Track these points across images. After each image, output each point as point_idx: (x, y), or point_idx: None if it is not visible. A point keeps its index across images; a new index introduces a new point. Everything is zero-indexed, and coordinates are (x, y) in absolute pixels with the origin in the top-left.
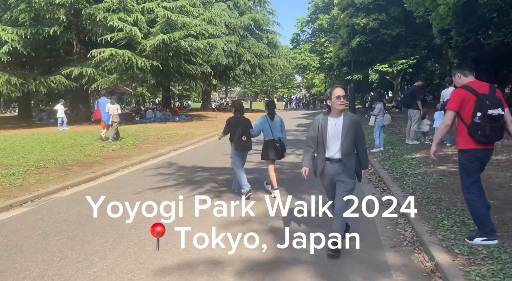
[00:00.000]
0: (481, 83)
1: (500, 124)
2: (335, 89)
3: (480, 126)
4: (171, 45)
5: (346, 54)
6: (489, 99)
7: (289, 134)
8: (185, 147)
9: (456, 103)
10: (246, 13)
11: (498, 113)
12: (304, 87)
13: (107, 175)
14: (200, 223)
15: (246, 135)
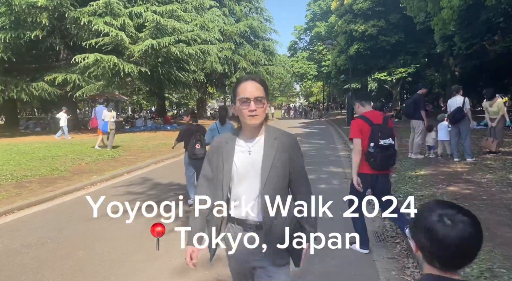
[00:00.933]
0: (377, 114)
1: (391, 153)
2: (242, 83)
3: (373, 155)
4: (160, 51)
5: (344, 62)
6: (381, 130)
7: None
8: (168, 159)
9: (357, 132)
10: (242, 20)
11: (388, 144)
12: (303, 95)
13: (68, 194)
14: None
15: (200, 143)
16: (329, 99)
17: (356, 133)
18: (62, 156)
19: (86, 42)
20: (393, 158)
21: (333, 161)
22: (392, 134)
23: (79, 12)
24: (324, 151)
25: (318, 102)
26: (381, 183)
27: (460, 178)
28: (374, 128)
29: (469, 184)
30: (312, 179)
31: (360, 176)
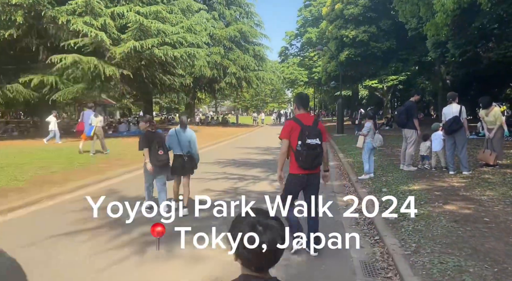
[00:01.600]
0: (308, 116)
1: (317, 152)
2: None
3: (300, 153)
4: (143, 53)
5: (334, 68)
6: (310, 130)
7: (269, 153)
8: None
9: (286, 133)
10: (232, 24)
11: (315, 143)
12: (294, 102)
13: (16, 210)
14: None
15: (163, 149)
16: (320, 106)
17: (286, 134)
18: (27, 164)
19: (64, 43)
20: (319, 157)
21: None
22: (320, 136)
23: (56, 11)
24: None
25: (309, 109)
26: (311, 182)
27: (457, 194)
28: (303, 128)
29: (468, 202)
30: None
31: (291, 176)
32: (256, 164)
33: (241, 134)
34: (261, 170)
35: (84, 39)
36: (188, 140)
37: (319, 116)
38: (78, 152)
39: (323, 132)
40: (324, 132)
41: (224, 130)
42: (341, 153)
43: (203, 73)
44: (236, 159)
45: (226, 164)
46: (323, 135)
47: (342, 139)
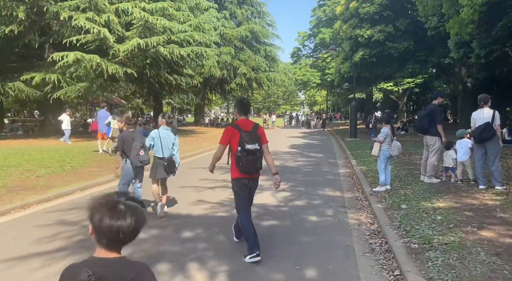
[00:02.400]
0: (248, 122)
1: (256, 158)
2: None
3: (240, 158)
4: (148, 51)
5: (348, 69)
6: (248, 136)
7: (275, 158)
8: None
9: (226, 139)
10: (243, 24)
11: (254, 148)
12: (307, 104)
13: None
14: None
15: (144, 149)
16: (333, 109)
17: (225, 140)
18: (15, 166)
19: (67, 40)
20: (259, 162)
21: (330, 181)
22: (259, 140)
23: (59, 7)
24: (322, 166)
25: (322, 112)
26: (252, 186)
27: (493, 216)
28: (242, 134)
29: (509, 228)
30: (300, 207)
31: (234, 181)
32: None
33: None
34: (265, 177)
35: (87, 36)
36: (172, 142)
37: (331, 119)
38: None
39: (262, 136)
40: (263, 136)
41: None
42: (354, 159)
43: (212, 74)
44: None
45: (227, 170)
46: (262, 139)
47: (355, 144)
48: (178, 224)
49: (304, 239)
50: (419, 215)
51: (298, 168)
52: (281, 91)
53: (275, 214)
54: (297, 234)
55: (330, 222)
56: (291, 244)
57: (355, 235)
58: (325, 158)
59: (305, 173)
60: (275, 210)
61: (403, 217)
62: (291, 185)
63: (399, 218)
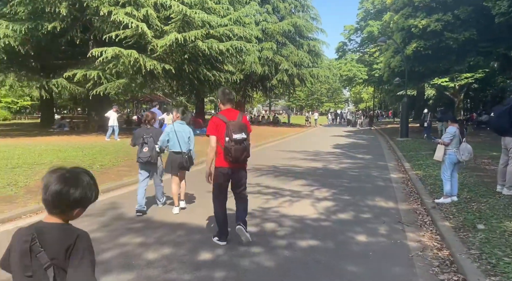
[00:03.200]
0: (233, 111)
1: (244, 146)
2: None
3: (228, 148)
4: (187, 46)
5: (399, 63)
6: (235, 125)
7: (318, 159)
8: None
9: (212, 129)
10: (286, 18)
11: (241, 137)
12: (352, 102)
13: None
14: None
15: (148, 146)
16: (380, 106)
17: (211, 130)
18: (44, 165)
19: (106, 36)
20: (247, 150)
21: (381, 188)
22: (246, 129)
23: (99, 2)
24: (370, 170)
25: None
26: (237, 176)
27: None
28: (228, 124)
29: None
30: (345, 222)
31: (217, 169)
32: (299, 173)
33: (290, 135)
34: (304, 182)
35: (126, 31)
36: (187, 136)
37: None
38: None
39: (248, 126)
40: (249, 124)
41: (273, 130)
42: (407, 162)
43: (253, 70)
44: (277, 165)
45: (263, 172)
46: (248, 128)
47: (406, 145)
48: (197, 240)
49: (351, 268)
50: (504, 240)
51: (342, 171)
52: (324, 88)
53: (315, 230)
54: (342, 261)
55: (385, 245)
56: (333, 276)
57: (419, 266)
58: (373, 160)
59: (351, 177)
60: (315, 225)
61: (483, 242)
62: (334, 193)
63: (478, 244)
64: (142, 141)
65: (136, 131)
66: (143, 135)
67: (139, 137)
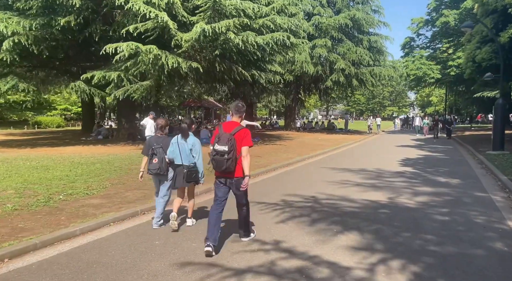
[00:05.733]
0: (233, 124)
1: (223, 159)
2: None
3: (211, 157)
4: (218, 40)
5: (488, 56)
6: (222, 137)
7: (381, 185)
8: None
9: (212, 138)
10: (343, 11)
11: (222, 149)
12: (418, 105)
13: None
14: None
15: (158, 157)
16: (451, 110)
17: (212, 139)
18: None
19: (124, 30)
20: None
21: (502, 260)
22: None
23: None
24: (467, 210)
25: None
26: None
27: None
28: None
29: None
30: None
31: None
32: (350, 217)
33: (346, 145)
34: (357, 241)
35: (146, 23)
36: (189, 148)
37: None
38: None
39: (238, 140)
40: (244, 138)
41: (326, 139)
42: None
43: (305, 70)
44: (317, 197)
45: (291, 213)
46: (238, 142)
47: (508, 161)
48: None
49: None
50: None
51: (421, 212)
52: (387, 91)
53: None
54: None
55: None
56: None
57: None
58: (465, 188)
59: (440, 229)
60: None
61: None
62: (416, 275)
63: None
64: (152, 151)
65: (148, 140)
66: (153, 145)
67: (149, 147)
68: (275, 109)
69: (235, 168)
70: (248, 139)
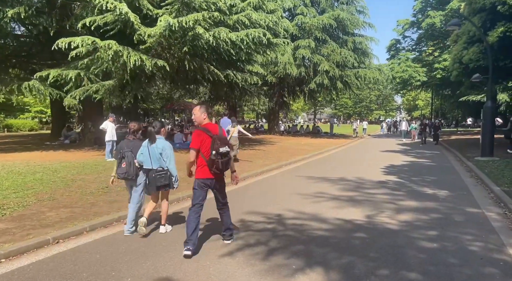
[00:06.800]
0: (213, 125)
1: (228, 159)
2: None
3: (215, 161)
4: (186, 35)
5: (475, 56)
6: (219, 139)
7: (360, 199)
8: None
9: (197, 143)
10: (327, 11)
11: (226, 150)
12: (404, 109)
13: None
14: None
15: (126, 161)
16: (437, 114)
17: (197, 144)
18: None
19: (80, 23)
20: (230, 163)
21: None
22: (227, 143)
23: None
24: (460, 232)
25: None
26: (219, 185)
27: None
28: (213, 138)
29: None
30: None
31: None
32: (318, 242)
33: (329, 150)
34: (321, 279)
35: (106, 16)
36: (159, 153)
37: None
38: None
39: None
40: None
41: (309, 143)
42: None
43: (288, 72)
44: (283, 216)
45: (246, 240)
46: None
47: (498, 169)
48: None
49: None
50: None
51: (405, 237)
52: (374, 95)
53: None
54: None
55: None
56: None
57: None
58: (455, 202)
59: (425, 263)
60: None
61: None
62: None
63: None
64: (121, 155)
65: (119, 144)
66: (123, 149)
67: (118, 150)
68: (262, 113)
69: None
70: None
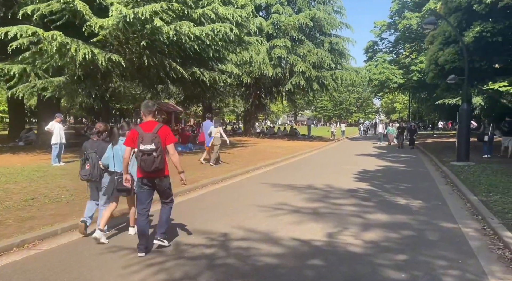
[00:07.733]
0: (152, 124)
1: (152, 157)
2: None
3: (138, 158)
4: (144, 28)
5: (451, 57)
6: (145, 137)
7: (325, 211)
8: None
9: (129, 140)
10: (304, 10)
11: (149, 148)
12: (383, 112)
13: None
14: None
15: (90, 162)
16: (414, 117)
17: (129, 142)
18: None
19: (21, 12)
20: (157, 162)
21: None
22: (156, 140)
23: None
24: (430, 256)
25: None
26: (159, 185)
27: None
28: (140, 135)
29: None
30: None
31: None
32: (261, 276)
33: (303, 153)
34: None
35: (51, 3)
36: (121, 155)
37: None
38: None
39: (163, 138)
40: (168, 136)
41: (284, 146)
42: (499, 222)
43: (263, 72)
44: (230, 235)
45: (170, 273)
46: (162, 140)
47: (474, 175)
48: None
49: None
50: None
51: (367, 264)
52: (353, 97)
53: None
54: None
55: None
56: None
57: None
58: (428, 214)
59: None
60: None
61: None
62: None
63: None
64: (85, 156)
65: (83, 145)
66: (87, 150)
67: (82, 151)
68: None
69: (164, 166)
70: (172, 136)
